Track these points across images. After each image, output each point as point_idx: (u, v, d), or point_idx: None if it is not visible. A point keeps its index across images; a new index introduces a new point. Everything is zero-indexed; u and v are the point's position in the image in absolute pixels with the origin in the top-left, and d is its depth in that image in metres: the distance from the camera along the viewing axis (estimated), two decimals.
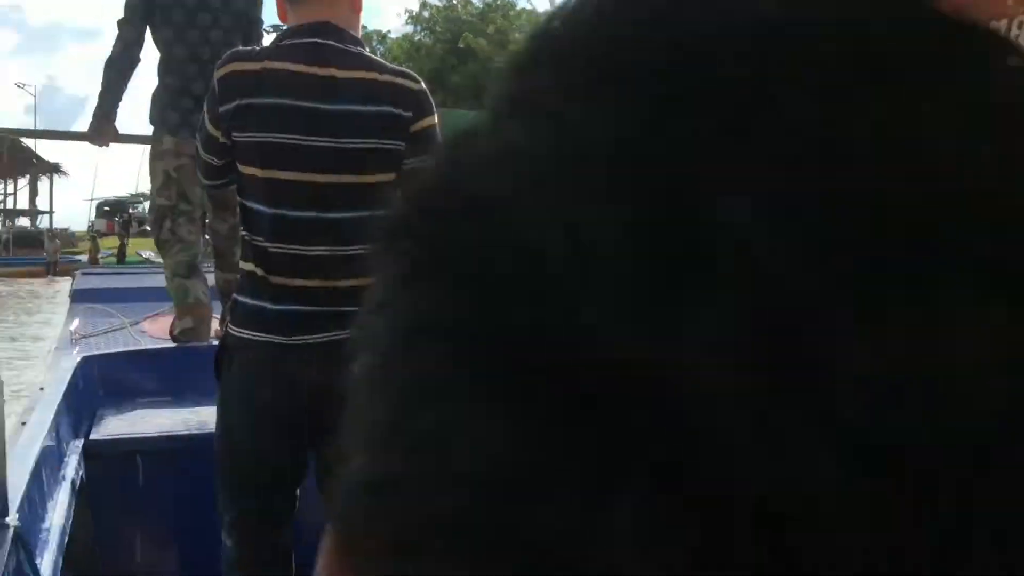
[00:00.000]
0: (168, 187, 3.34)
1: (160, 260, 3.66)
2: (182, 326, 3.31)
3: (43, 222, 42.31)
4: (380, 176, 1.66)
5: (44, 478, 1.78)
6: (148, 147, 3.44)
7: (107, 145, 3.63)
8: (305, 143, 1.64)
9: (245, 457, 1.72)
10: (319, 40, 1.67)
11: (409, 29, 28.64)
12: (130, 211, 48.26)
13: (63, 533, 1.73)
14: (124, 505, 2.28)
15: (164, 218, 3.35)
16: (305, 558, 1.60)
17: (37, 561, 1.49)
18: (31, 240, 35.41)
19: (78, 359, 2.69)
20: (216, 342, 2.30)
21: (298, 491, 1.73)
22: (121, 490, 2.28)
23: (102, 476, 2.22)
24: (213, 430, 1.81)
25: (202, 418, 2.32)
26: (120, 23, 3.38)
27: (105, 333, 3.78)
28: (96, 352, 3.03)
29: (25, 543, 1.41)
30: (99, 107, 3.50)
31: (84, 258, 26.34)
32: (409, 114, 1.68)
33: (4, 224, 40.03)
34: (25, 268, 29.92)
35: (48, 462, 1.86)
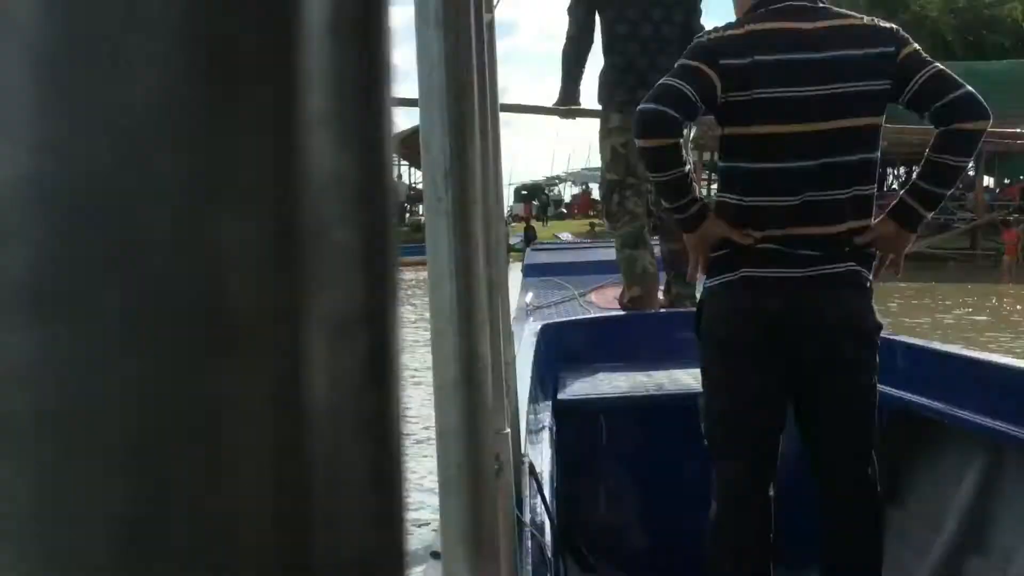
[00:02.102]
0: (617, 163, 3.57)
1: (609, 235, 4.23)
2: (631, 295, 3.59)
3: None
4: (872, 119, 1.77)
5: (532, 431, 2.08)
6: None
7: (573, 118, 4.07)
8: (806, 94, 1.72)
9: (730, 400, 1.80)
10: (794, 2, 1.78)
11: None
12: (546, 194, 44.44)
13: (552, 478, 1.96)
14: (589, 461, 2.55)
15: (613, 192, 3.62)
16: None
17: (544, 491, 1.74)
18: None
19: (538, 327, 2.97)
20: (663, 311, 3.27)
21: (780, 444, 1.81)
22: (587, 446, 2.55)
23: (570, 433, 2.47)
24: (667, 392, 2.42)
25: (657, 381, 2.63)
26: (569, 8, 3.71)
27: (556, 304, 4.22)
28: (552, 320, 3.33)
29: (537, 475, 1.75)
30: (562, 87, 3.88)
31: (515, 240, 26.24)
32: (892, 48, 1.75)
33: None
34: None
35: (533, 418, 2.21)
